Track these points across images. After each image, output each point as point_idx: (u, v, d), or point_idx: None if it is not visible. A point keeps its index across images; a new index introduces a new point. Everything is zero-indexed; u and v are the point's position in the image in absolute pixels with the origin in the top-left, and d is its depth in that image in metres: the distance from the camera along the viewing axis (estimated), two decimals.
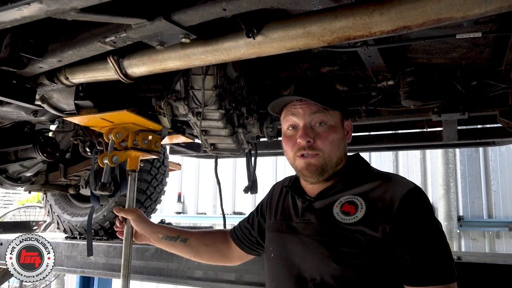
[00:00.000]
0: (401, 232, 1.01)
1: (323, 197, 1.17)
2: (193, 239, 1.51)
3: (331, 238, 1.08)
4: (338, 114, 1.19)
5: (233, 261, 1.55)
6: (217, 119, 1.81)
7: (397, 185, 1.09)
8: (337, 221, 1.09)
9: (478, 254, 2.57)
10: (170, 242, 1.52)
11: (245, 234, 1.47)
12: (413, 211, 1.03)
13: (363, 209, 1.07)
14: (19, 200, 11.32)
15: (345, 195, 1.14)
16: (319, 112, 1.15)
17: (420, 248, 1.00)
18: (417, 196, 1.06)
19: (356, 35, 1.04)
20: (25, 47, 1.28)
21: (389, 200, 1.05)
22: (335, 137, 1.15)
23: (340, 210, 1.11)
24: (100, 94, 1.74)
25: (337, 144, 1.16)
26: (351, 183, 1.15)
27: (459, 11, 0.91)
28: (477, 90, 1.88)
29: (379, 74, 1.92)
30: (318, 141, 1.13)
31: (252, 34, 1.10)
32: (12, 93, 1.49)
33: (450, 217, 6.29)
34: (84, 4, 0.86)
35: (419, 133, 2.58)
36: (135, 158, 1.72)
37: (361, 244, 1.03)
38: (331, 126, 1.16)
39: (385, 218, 1.03)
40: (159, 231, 1.54)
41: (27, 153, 2.57)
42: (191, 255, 1.54)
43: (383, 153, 7.29)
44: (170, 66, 1.34)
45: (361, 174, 1.18)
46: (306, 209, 1.18)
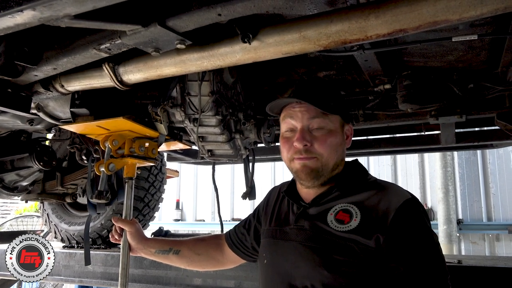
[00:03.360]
0: (395, 244, 1.00)
1: (318, 204, 1.16)
2: (185, 250, 1.51)
3: (323, 246, 1.07)
4: (338, 119, 1.17)
5: (227, 265, 1.55)
6: (214, 125, 1.80)
7: (393, 195, 1.07)
8: (331, 228, 1.08)
9: (478, 257, 2.56)
10: (164, 256, 1.53)
11: (241, 240, 1.45)
12: (408, 222, 1.02)
13: (357, 218, 1.06)
14: (17, 209, 11.26)
15: (340, 203, 1.12)
16: (317, 117, 1.13)
17: (415, 261, 0.98)
18: (413, 207, 1.05)
19: (352, 39, 1.03)
20: (20, 55, 1.27)
21: (384, 210, 1.04)
22: (333, 141, 1.13)
23: (334, 218, 1.09)
24: (96, 101, 1.73)
25: (335, 149, 1.14)
26: (347, 190, 1.14)
27: (455, 13, 0.90)
28: (474, 93, 1.88)
29: (376, 78, 1.93)
30: (315, 145, 1.12)
31: (248, 39, 1.10)
32: (7, 102, 1.48)
33: (449, 220, 6.28)
34: (77, 10, 0.85)
35: (417, 136, 2.59)
36: (132, 166, 1.70)
37: (354, 252, 1.02)
38: (330, 131, 1.14)
39: (380, 228, 1.02)
40: (151, 245, 1.54)
41: (24, 162, 2.55)
42: (185, 265, 1.55)
43: (381, 157, 7.29)
44: (166, 72, 1.33)
45: (358, 182, 1.16)
46: (301, 215, 1.17)
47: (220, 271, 2.22)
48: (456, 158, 6.89)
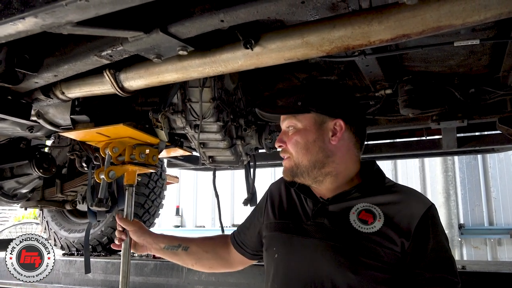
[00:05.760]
0: (422, 251, 1.02)
1: (338, 201, 1.13)
2: (194, 247, 1.49)
3: (347, 246, 1.05)
4: (310, 117, 1.15)
5: (235, 266, 1.51)
6: (215, 131, 1.79)
7: (416, 201, 1.09)
8: (354, 228, 1.06)
9: (482, 262, 2.55)
10: (172, 251, 1.50)
11: (245, 240, 1.42)
12: (433, 230, 1.05)
13: (381, 219, 1.05)
14: (15, 216, 11.21)
15: (362, 202, 1.10)
16: (287, 118, 1.18)
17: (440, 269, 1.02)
18: (435, 214, 1.09)
19: (355, 44, 1.03)
20: (20, 62, 1.26)
21: (408, 216, 1.05)
22: (299, 139, 1.14)
23: (357, 217, 1.08)
24: (96, 108, 1.72)
25: (305, 146, 1.13)
26: (367, 191, 1.13)
27: (458, 18, 0.90)
28: (476, 97, 1.88)
29: (377, 83, 1.92)
30: (287, 144, 1.17)
31: (250, 45, 1.09)
32: (7, 109, 1.47)
33: (451, 225, 6.26)
34: (80, 17, 0.84)
35: (417, 141, 2.58)
36: (132, 173, 1.69)
37: (379, 255, 1.01)
38: (298, 130, 1.15)
39: (404, 233, 1.02)
40: (160, 240, 1.52)
41: (23, 169, 2.53)
42: (192, 263, 1.51)
43: (381, 162, 7.28)
44: (168, 79, 1.32)
45: (378, 184, 1.15)
46: (319, 211, 1.14)
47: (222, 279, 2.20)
48: (456, 162, 6.88)
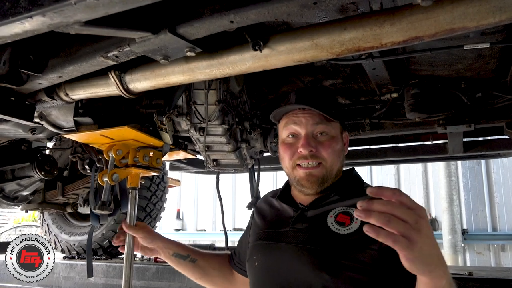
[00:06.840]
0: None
1: (316, 207, 1.15)
2: (202, 261, 1.47)
3: (324, 248, 1.04)
4: (338, 125, 1.20)
5: (237, 287, 1.48)
6: (220, 134, 1.77)
7: None
8: (331, 231, 1.06)
9: (488, 269, 2.52)
10: (180, 260, 1.48)
11: (241, 259, 1.41)
12: None
13: (358, 220, 1.04)
14: (15, 219, 11.17)
15: (340, 206, 1.11)
16: (321, 123, 1.15)
17: None
18: None
19: (366, 47, 1.01)
20: (25, 63, 1.24)
21: None
22: (335, 146, 1.15)
23: (334, 220, 1.08)
24: (100, 110, 1.70)
25: (338, 155, 1.16)
26: (346, 195, 1.14)
27: (472, 21, 0.88)
28: (483, 102, 1.86)
29: (383, 86, 1.91)
30: (320, 150, 1.13)
31: (259, 46, 1.07)
32: (11, 110, 1.45)
33: (454, 230, 6.21)
34: (88, 17, 0.82)
35: (422, 145, 2.56)
36: (135, 176, 1.67)
37: (355, 256, 1.00)
38: (333, 137, 1.16)
39: None
40: (170, 246, 1.50)
41: (24, 172, 2.51)
42: (197, 277, 1.49)
43: (384, 166, 7.25)
44: (174, 80, 1.30)
45: (356, 188, 1.17)
46: (298, 218, 1.15)
47: None
48: (460, 167, 6.85)
